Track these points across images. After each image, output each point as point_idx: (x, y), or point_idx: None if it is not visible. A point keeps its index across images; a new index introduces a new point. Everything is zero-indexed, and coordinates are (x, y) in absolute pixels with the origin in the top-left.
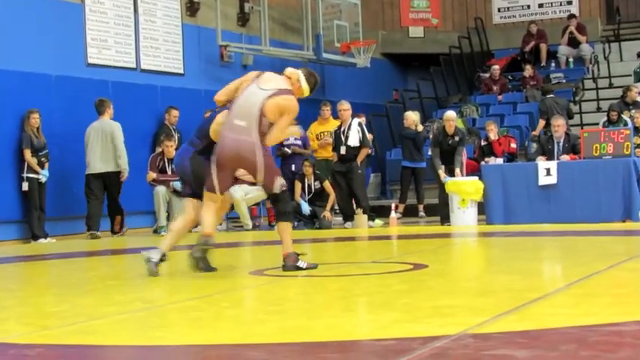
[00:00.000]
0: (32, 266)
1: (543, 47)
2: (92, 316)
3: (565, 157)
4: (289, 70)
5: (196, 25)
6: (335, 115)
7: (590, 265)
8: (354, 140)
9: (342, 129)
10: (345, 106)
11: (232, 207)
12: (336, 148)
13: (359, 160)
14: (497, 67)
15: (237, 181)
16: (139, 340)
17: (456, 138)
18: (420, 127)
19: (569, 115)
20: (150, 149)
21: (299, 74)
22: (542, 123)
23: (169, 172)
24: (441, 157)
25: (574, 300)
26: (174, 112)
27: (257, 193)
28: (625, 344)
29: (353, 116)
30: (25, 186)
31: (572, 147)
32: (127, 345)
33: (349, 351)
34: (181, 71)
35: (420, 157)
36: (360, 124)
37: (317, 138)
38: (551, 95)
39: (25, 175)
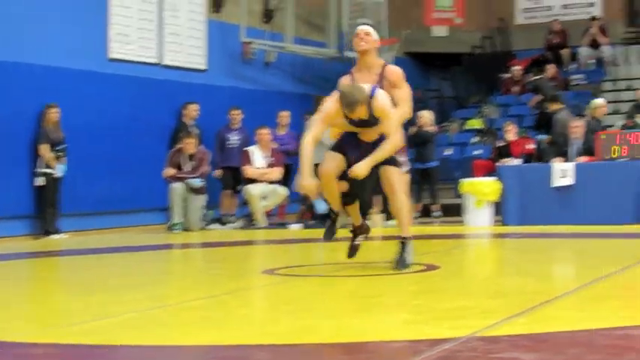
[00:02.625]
0: (43, 263)
1: (565, 52)
2: (101, 315)
3: (582, 159)
4: None
5: (221, 21)
6: None
7: (601, 267)
8: None
9: None
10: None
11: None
12: None
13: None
14: (518, 67)
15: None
16: (147, 339)
17: None
18: (433, 128)
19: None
20: (168, 145)
21: None
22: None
23: (189, 168)
24: None
25: (584, 303)
26: (193, 107)
27: (274, 200)
28: (632, 348)
29: None
30: (39, 181)
31: (588, 148)
32: (135, 345)
33: (357, 352)
34: (204, 67)
35: (431, 157)
36: None
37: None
38: None
39: (39, 170)
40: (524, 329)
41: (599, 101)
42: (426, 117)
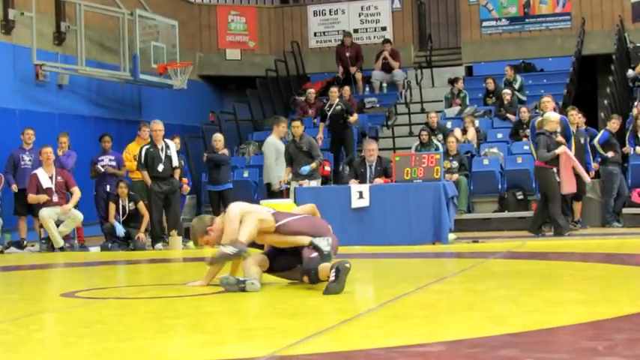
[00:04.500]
0: None
1: (359, 76)
2: None
3: (378, 181)
4: None
5: (11, 44)
6: None
7: (399, 286)
8: (175, 160)
9: (159, 147)
10: (160, 126)
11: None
12: (150, 167)
13: (184, 180)
14: (312, 90)
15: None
16: None
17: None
18: (226, 151)
19: None
20: None
21: None
22: None
23: None
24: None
25: (383, 321)
26: None
27: (70, 224)
28: None
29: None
30: None
31: (384, 170)
32: None
33: None
34: None
35: (225, 180)
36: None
37: (135, 159)
38: None
39: None
40: (323, 348)
41: (552, 115)
42: (219, 140)
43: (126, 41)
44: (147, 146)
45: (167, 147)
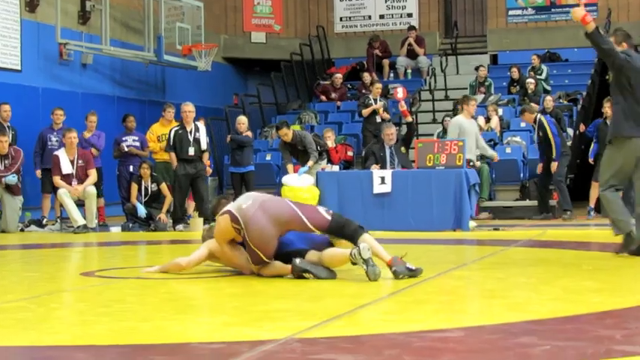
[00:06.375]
0: None
1: (386, 62)
2: None
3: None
4: None
5: (35, 22)
6: (177, 117)
7: None
8: (204, 143)
9: (188, 130)
10: (190, 108)
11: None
12: (178, 149)
13: (206, 162)
14: (339, 75)
15: None
16: None
17: None
18: (249, 133)
19: None
20: None
21: None
22: None
23: (2, 167)
24: None
25: (402, 306)
26: (5, 108)
27: (91, 202)
28: (447, 350)
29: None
30: None
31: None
32: None
33: (177, 353)
34: (18, 67)
35: (248, 162)
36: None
37: (158, 140)
38: None
39: None
40: (342, 331)
41: None
42: (243, 122)
43: (151, 22)
44: (176, 128)
45: (197, 129)
